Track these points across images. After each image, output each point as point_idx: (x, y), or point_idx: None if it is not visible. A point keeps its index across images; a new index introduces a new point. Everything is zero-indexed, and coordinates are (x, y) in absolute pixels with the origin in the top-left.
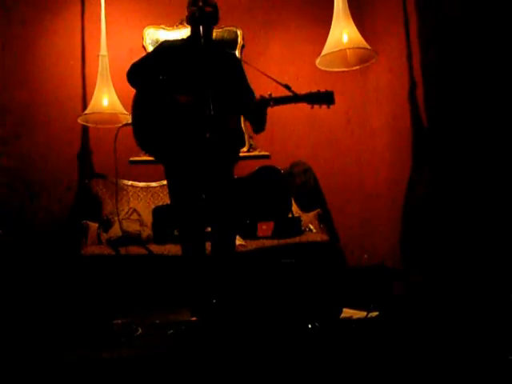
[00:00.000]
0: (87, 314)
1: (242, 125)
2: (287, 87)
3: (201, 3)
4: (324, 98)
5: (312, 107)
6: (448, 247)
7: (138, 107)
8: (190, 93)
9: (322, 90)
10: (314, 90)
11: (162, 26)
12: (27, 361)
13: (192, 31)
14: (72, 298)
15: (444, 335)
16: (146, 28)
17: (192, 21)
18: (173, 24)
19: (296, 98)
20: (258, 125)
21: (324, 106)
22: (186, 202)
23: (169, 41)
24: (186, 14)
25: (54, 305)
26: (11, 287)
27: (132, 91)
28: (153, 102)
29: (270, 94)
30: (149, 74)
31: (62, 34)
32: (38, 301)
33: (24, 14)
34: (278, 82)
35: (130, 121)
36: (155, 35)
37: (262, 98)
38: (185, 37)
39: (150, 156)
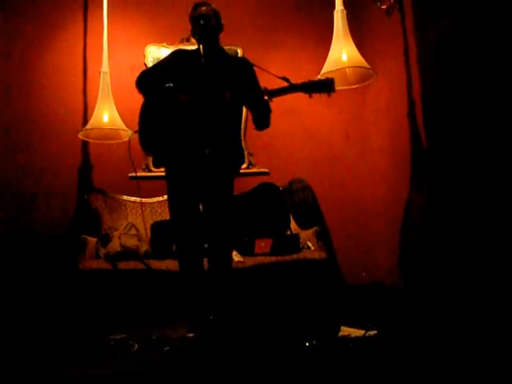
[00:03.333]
0: (84, 329)
1: (242, 142)
2: (285, 79)
3: (202, 21)
4: (323, 86)
5: (310, 96)
6: (447, 265)
7: (145, 113)
8: (191, 96)
9: (323, 78)
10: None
11: (164, 44)
12: (23, 376)
13: (198, 43)
14: (69, 312)
15: (444, 355)
16: (147, 46)
17: (195, 37)
18: (174, 42)
19: (292, 88)
20: (260, 120)
21: (324, 95)
22: (184, 217)
23: (182, 49)
24: (191, 28)
25: (51, 319)
26: (8, 301)
27: (133, 108)
28: (158, 108)
29: (265, 88)
30: (157, 81)
31: (64, 50)
32: (35, 315)
33: (27, 30)
34: (274, 75)
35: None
36: (157, 53)
37: (258, 92)
38: (195, 48)
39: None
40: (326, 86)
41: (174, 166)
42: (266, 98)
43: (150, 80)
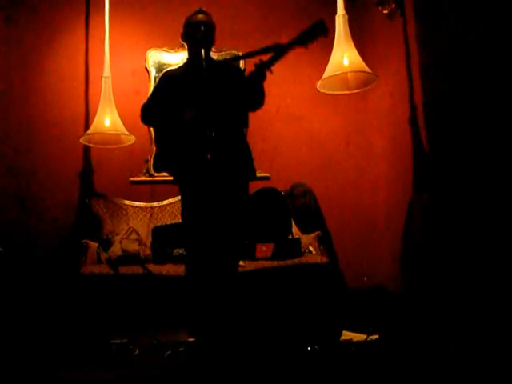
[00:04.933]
0: (85, 334)
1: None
2: (276, 45)
3: (203, 27)
4: (315, 30)
5: (307, 48)
6: (448, 270)
7: (158, 137)
8: (194, 111)
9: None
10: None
11: (165, 49)
12: (25, 381)
13: (190, 52)
14: (71, 317)
15: (444, 359)
16: (148, 50)
17: (192, 42)
18: (175, 46)
19: (287, 47)
20: (256, 99)
21: (321, 39)
22: (195, 223)
23: (170, 70)
24: (182, 31)
25: (53, 324)
26: (10, 305)
27: (134, 113)
28: (169, 130)
29: (261, 60)
30: (159, 109)
31: (66, 55)
32: (36, 320)
33: (29, 35)
34: (264, 48)
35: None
36: (158, 57)
37: (256, 67)
38: (184, 60)
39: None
40: (317, 29)
41: (185, 177)
42: (266, 70)
43: (153, 110)
